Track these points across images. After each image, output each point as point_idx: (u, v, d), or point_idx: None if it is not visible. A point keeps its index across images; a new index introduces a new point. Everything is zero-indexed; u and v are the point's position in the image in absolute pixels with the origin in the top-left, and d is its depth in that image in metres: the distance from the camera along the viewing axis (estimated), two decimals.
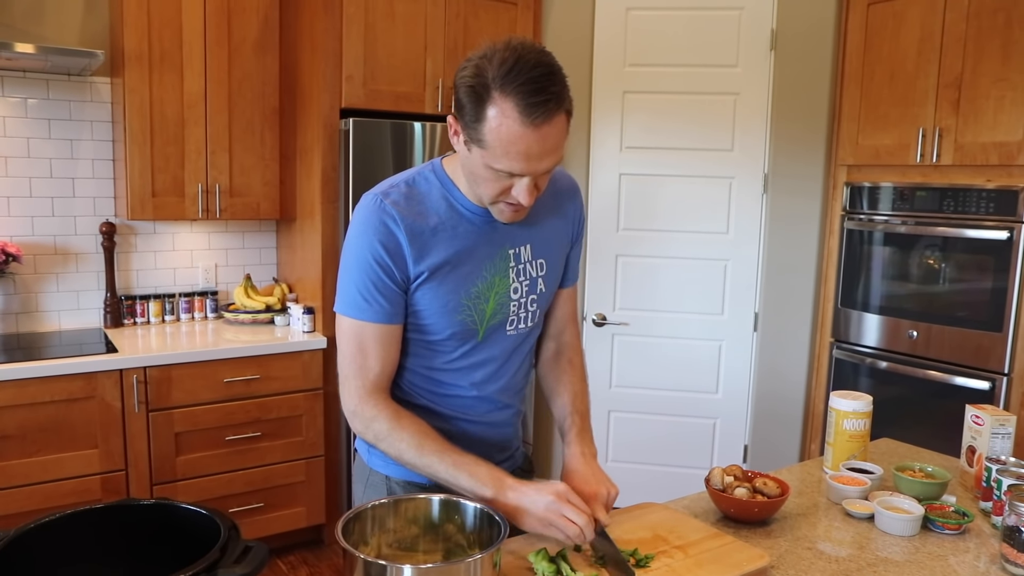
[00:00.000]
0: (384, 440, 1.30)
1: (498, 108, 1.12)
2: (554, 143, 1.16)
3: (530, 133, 1.12)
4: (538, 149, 1.15)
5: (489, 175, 1.20)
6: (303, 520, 3.17)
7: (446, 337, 1.34)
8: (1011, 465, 1.54)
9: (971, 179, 2.82)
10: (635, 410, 3.52)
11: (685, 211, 3.43)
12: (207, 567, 0.98)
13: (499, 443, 1.48)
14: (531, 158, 1.15)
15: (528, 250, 1.39)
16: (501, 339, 1.39)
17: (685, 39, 3.35)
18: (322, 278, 3.11)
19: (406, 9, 3.08)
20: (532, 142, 1.13)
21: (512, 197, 1.22)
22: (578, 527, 1.19)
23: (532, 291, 1.40)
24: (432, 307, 1.31)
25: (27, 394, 2.58)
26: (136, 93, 2.94)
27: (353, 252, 1.29)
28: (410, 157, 3.11)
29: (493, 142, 1.14)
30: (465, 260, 1.31)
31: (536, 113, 1.11)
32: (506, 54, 1.12)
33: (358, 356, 1.31)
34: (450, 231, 1.30)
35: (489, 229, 1.33)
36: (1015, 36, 2.65)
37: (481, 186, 1.23)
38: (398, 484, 1.40)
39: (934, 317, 2.95)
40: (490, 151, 1.15)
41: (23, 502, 2.60)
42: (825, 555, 1.37)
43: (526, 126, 1.12)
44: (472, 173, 1.23)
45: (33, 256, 3.12)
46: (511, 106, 1.11)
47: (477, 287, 1.33)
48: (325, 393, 3.14)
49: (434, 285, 1.29)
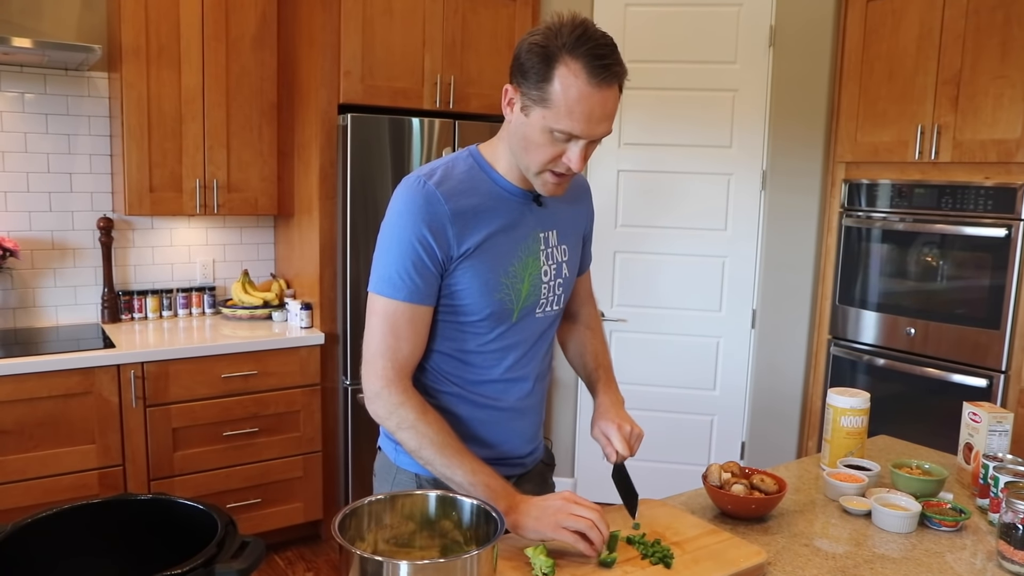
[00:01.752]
0: (408, 429, 1.30)
1: (567, 68, 1.19)
2: (612, 109, 1.23)
3: (595, 94, 1.20)
4: (600, 112, 1.21)
5: (545, 139, 1.24)
6: (300, 516, 3.17)
7: (483, 318, 1.36)
8: (1008, 462, 1.54)
9: (969, 176, 2.82)
10: (633, 406, 3.46)
11: (683, 208, 3.43)
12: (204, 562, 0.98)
13: (528, 433, 1.50)
14: (592, 119, 1.22)
15: (555, 235, 1.44)
16: (531, 322, 1.42)
17: (684, 35, 3.35)
18: (320, 274, 3.10)
19: (404, 5, 3.07)
20: (596, 103, 1.20)
21: (561, 164, 1.27)
22: (590, 520, 1.21)
23: (559, 275, 1.45)
24: (473, 286, 1.33)
25: (24, 389, 2.58)
26: (134, 88, 2.93)
27: (395, 233, 1.31)
28: (408, 153, 3.10)
29: (559, 101, 1.20)
30: (503, 239, 1.35)
31: (603, 75, 1.19)
32: (575, 23, 1.21)
33: (389, 336, 1.31)
34: (490, 210, 1.34)
35: (525, 211, 1.38)
36: (1014, 33, 2.65)
37: (533, 153, 1.27)
38: (428, 483, 1.39)
39: (932, 314, 2.95)
40: (554, 110, 1.21)
41: (20, 497, 2.60)
42: (822, 552, 1.37)
43: (592, 86, 1.19)
44: (525, 139, 1.27)
45: (30, 251, 3.11)
46: (580, 67, 1.18)
47: (514, 267, 1.36)
48: (323, 389, 3.14)
49: (475, 263, 1.32)
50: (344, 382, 3.16)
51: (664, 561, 1.22)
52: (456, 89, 3.23)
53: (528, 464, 1.53)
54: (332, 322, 3.15)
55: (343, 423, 3.18)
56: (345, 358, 3.14)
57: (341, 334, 3.15)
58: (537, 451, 1.56)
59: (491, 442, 1.42)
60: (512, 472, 1.47)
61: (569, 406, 3.63)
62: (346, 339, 3.13)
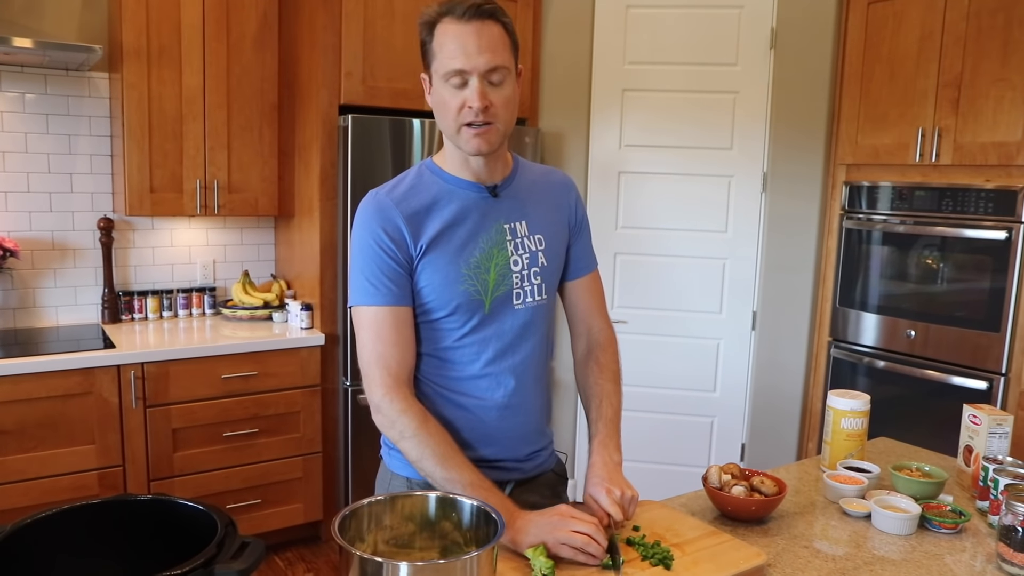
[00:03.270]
0: (409, 439, 1.31)
1: (441, 23, 1.32)
2: (489, 41, 1.30)
3: (463, 27, 1.29)
4: (475, 42, 1.28)
5: (447, 93, 1.31)
6: (300, 516, 3.17)
7: (451, 311, 1.37)
8: (1008, 464, 1.54)
9: (970, 179, 2.82)
10: (633, 408, 3.47)
11: (684, 210, 3.43)
12: (203, 563, 0.98)
13: (521, 434, 1.47)
14: (468, 51, 1.28)
15: (524, 226, 1.45)
16: (509, 314, 1.42)
17: (685, 37, 3.35)
18: (320, 275, 3.10)
19: (405, 5, 3.07)
20: (468, 35, 1.29)
21: (468, 111, 1.31)
22: (587, 535, 1.21)
23: (534, 264, 1.44)
24: (434, 280, 1.35)
25: (24, 390, 2.58)
26: (134, 88, 2.93)
27: (357, 244, 1.37)
28: (409, 153, 3.10)
29: (438, 51, 1.31)
30: (460, 231, 1.38)
31: (464, 10, 1.29)
32: None
33: (376, 344, 1.34)
34: (442, 206, 1.38)
35: (483, 205, 1.41)
36: (1015, 36, 2.65)
37: (445, 113, 1.33)
38: (418, 486, 1.40)
39: (932, 317, 2.95)
40: (438, 61, 1.31)
41: (20, 497, 2.60)
42: (822, 554, 1.37)
43: (462, 22, 1.29)
44: (439, 105, 1.34)
45: (31, 252, 3.11)
46: (448, 16, 1.31)
47: (476, 257, 1.38)
48: (323, 389, 3.14)
49: (434, 258, 1.35)
50: (344, 383, 3.16)
51: (664, 563, 1.22)
52: None
53: (528, 470, 1.49)
54: (332, 323, 3.15)
55: (343, 424, 3.18)
56: (345, 359, 3.14)
57: (341, 335, 3.15)
58: (540, 457, 1.52)
59: (479, 443, 1.41)
60: (509, 477, 1.45)
61: (569, 407, 3.63)
62: (346, 340, 3.13)
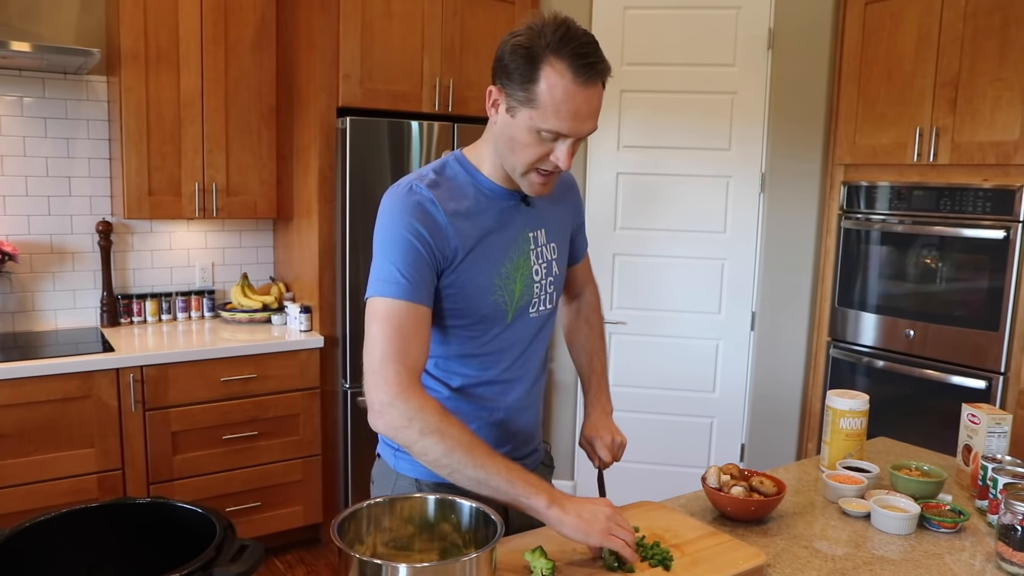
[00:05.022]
0: (432, 434, 1.21)
1: (552, 68, 1.20)
2: (597, 106, 1.25)
3: (580, 92, 1.20)
4: (586, 109, 1.22)
5: (531, 140, 1.24)
6: (300, 519, 3.17)
7: (477, 320, 1.35)
8: (1007, 464, 1.54)
9: (968, 178, 2.83)
10: (632, 409, 3.52)
11: (682, 210, 3.43)
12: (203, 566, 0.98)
13: (527, 434, 1.51)
14: (579, 117, 1.22)
15: (543, 234, 1.44)
16: (526, 322, 1.42)
17: (682, 38, 3.35)
18: (319, 277, 3.10)
19: (403, 8, 3.07)
20: (581, 101, 1.21)
21: (549, 163, 1.27)
22: (624, 542, 1.21)
23: (549, 273, 1.45)
24: (467, 289, 1.32)
25: (23, 393, 2.58)
26: (132, 92, 2.93)
27: (389, 236, 1.28)
28: (407, 156, 3.10)
29: (545, 101, 1.20)
30: (494, 240, 1.35)
31: (588, 73, 1.20)
32: (557, 23, 1.22)
33: (395, 339, 1.24)
34: (481, 212, 1.34)
35: (513, 212, 1.38)
36: (1012, 36, 2.65)
37: (520, 153, 1.27)
38: (428, 487, 1.38)
39: (931, 316, 2.95)
40: (540, 111, 1.21)
41: (19, 501, 2.60)
42: (821, 554, 1.37)
43: (578, 85, 1.20)
44: (511, 140, 1.27)
45: (29, 255, 3.11)
46: (565, 66, 1.19)
47: (506, 267, 1.36)
48: (322, 392, 3.14)
49: (469, 266, 1.31)
50: (344, 385, 3.16)
51: (663, 563, 1.22)
52: (455, 92, 3.23)
53: (527, 466, 1.50)
54: (331, 325, 3.15)
55: (343, 426, 3.18)
56: (344, 361, 3.14)
57: (340, 337, 3.15)
58: (536, 452, 1.56)
59: (491, 445, 1.42)
60: None
61: (569, 407, 3.63)
62: (345, 342, 3.13)
